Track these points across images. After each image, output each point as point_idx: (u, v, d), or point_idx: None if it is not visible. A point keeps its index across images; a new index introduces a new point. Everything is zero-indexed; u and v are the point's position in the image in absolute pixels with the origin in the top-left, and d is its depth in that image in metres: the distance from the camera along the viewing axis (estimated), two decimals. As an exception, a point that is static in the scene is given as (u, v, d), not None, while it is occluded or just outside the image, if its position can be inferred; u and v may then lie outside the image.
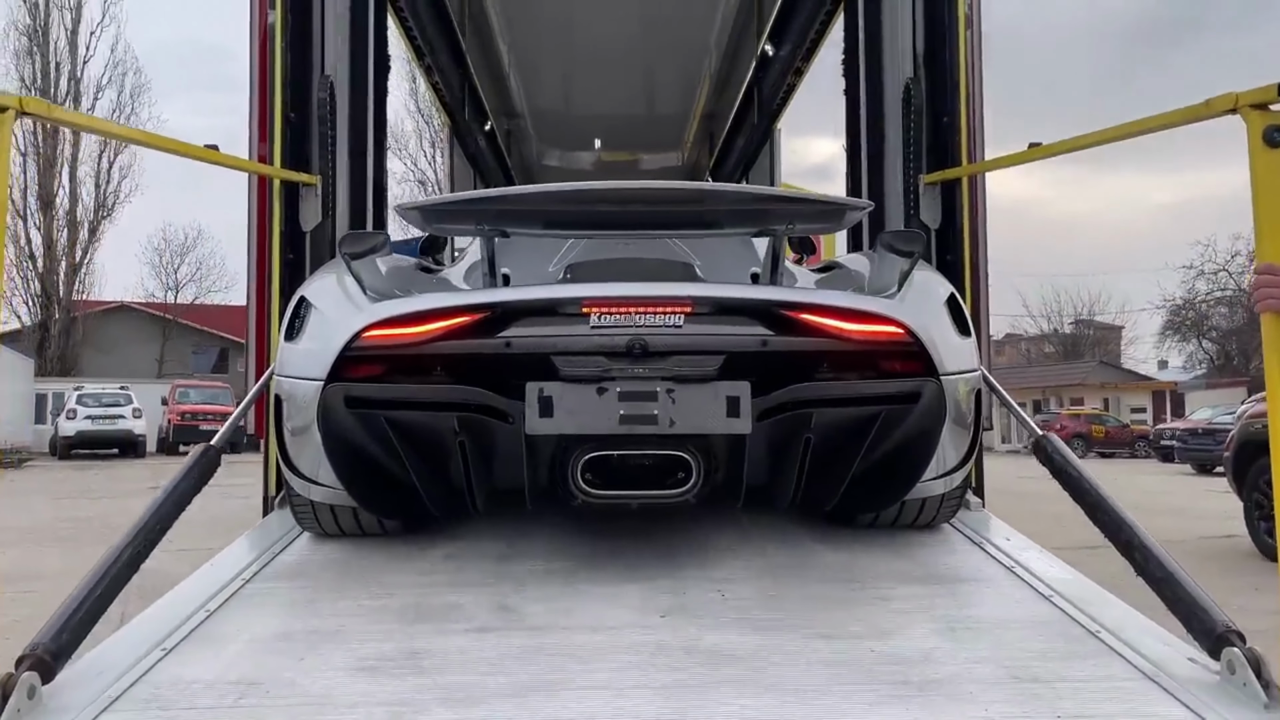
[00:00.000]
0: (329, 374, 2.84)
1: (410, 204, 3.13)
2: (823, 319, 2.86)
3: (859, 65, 4.95)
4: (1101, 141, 2.81)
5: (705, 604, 2.71)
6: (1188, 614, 2.33)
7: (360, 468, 2.99)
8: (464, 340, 2.81)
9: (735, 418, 2.75)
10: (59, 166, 34.05)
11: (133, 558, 2.54)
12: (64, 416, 24.93)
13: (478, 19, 8.70)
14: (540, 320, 2.82)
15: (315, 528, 3.35)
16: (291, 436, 3.06)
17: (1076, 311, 54.08)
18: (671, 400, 2.73)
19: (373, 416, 2.85)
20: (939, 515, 3.39)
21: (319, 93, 4.15)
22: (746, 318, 2.85)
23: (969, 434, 3.15)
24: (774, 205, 3.35)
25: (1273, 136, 2.08)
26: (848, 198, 3.27)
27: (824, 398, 2.85)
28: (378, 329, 2.83)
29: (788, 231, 3.22)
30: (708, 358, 2.76)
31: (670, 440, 2.78)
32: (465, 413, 2.82)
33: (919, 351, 2.88)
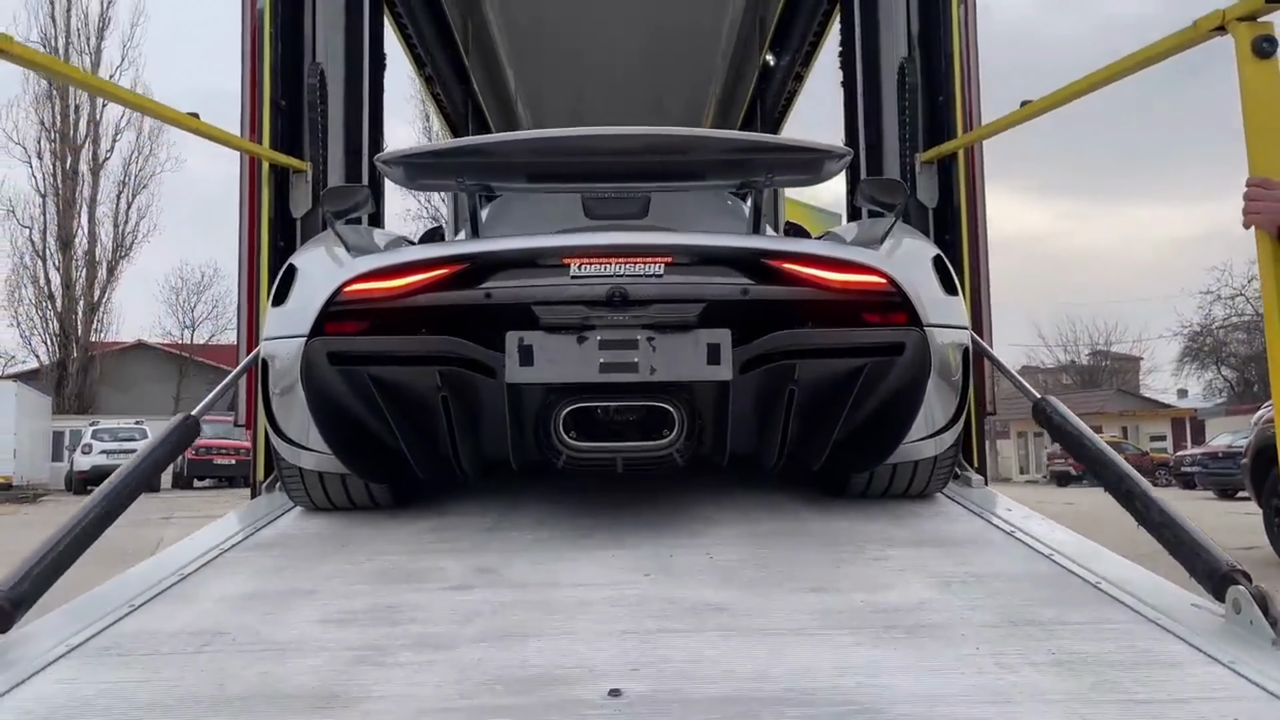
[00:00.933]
0: (311, 330, 2.83)
1: (392, 155, 3.13)
2: (804, 268, 2.84)
3: (855, 55, 4.92)
4: (1094, 87, 2.75)
5: (692, 565, 2.62)
6: (1190, 556, 2.24)
7: (345, 428, 2.97)
8: (444, 292, 2.80)
9: (716, 364, 2.73)
10: (78, 207, 34.48)
11: (101, 517, 2.48)
12: (79, 451, 25.03)
13: (481, 37, 8.76)
14: (520, 271, 2.81)
15: (305, 500, 3.29)
16: (278, 401, 3.04)
17: (1093, 342, 53.76)
18: (652, 348, 2.71)
19: (356, 373, 2.83)
20: (931, 481, 3.30)
21: (309, 78, 4.14)
22: (727, 267, 2.83)
23: (957, 393, 3.10)
24: (754, 154, 3.36)
25: (1261, 46, 2.02)
26: (826, 144, 3.23)
27: (806, 347, 2.81)
28: (359, 283, 2.83)
29: (768, 183, 3.24)
30: (688, 306, 2.74)
31: (652, 390, 2.76)
32: (447, 365, 2.79)
33: (902, 302, 2.85)
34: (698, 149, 3.43)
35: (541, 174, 3.39)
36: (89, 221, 34.88)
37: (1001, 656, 1.93)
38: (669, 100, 10.22)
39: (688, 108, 10.44)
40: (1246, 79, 2.05)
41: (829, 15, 6.72)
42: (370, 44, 4.89)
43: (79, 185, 34.43)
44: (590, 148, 3.18)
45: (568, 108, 10.43)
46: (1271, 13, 2.04)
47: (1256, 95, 2.03)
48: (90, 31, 34.26)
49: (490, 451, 3.08)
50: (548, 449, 2.86)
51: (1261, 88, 2.03)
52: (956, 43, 4.01)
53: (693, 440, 2.85)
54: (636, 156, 3.29)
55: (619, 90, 9.72)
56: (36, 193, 33.93)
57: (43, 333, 34.60)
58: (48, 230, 34.15)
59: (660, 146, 3.30)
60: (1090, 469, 2.65)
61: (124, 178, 35.28)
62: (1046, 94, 3.09)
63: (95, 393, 35.11)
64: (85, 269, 34.79)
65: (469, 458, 3.01)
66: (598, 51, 8.83)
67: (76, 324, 34.58)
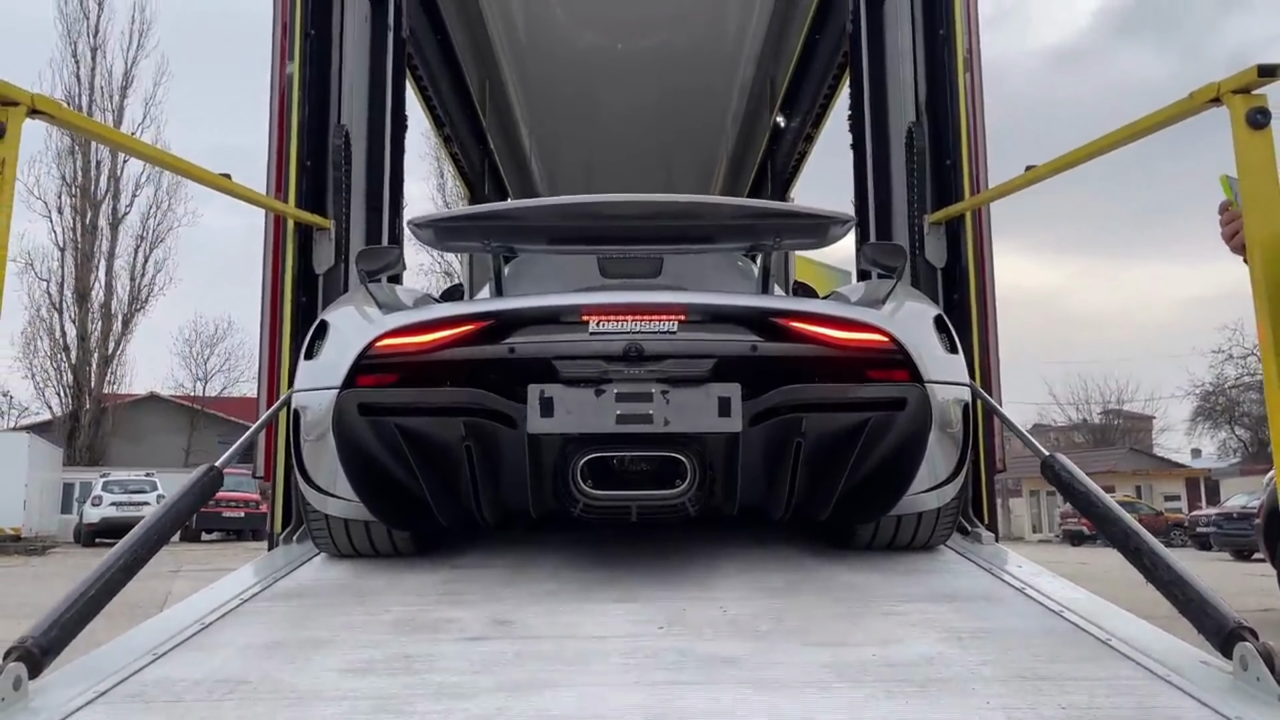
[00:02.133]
0: (343, 381, 3.00)
1: (422, 219, 3.37)
2: (811, 326, 3.00)
3: (864, 118, 5.05)
4: (1096, 153, 2.84)
5: (705, 618, 2.65)
6: (1198, 614, 2.27)
7: (373, 476, 3.09)
8: (470, 347, 2.95)
9: (726, 417, 2.85)
10: (96, 261, 34.91)
11: (128, 564, 2.54)
12: (89, 503, 25.00)
13: (498, 99, 8.97)
14: (542, 328, 2.97)
15: (329, 546, 3.40)
16: (308, 449, 3.18)
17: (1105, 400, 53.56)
18: (666, 400, 2.84)
19: (384, 423, 2.97)
20: (935, 533, 3.37)
21: (334, 139, 4.27)
22: (737, 325, 2.99)
23: (958, 447, 3.21)
24: (762, 220, 3.59)
25: (1255, 118, 2.11)
26: (830, 210, 3.42)
27: (813, 401, 2.94)
28: (390, 338, 3.00)
29: (775, 246, 3.47)
30: (700, 361, 2.88)
31: (666, 442, 2.88)
32: (472, 417, 2.92)
33: (904, 360, 3.00)
34: (709, 215, 3.63)
35: (561, 236, 3.57)
36: (106, 275, 35.30)
37: (1013, 711, 1.96)
38: (680, 159, 10.40)
39: (699, 167, 10.61)
40: (1242, 149, 2.13)
41: (838, 79, 6.89)
42: (392, 106, 5.05)
43: (98, 239, 34.90)
44: (607, 213, 3.39)
45: (581, 165, 10.62)
46: (1265, 86, 2.13)
47: (1252, 164, 2.11)
48: (114, 90, 34.98)
49: (510, 500, 3.16)
50: (565, 497, 2.96)
51: (1257, 157, 2.11)
52: (963, 108, 4.11)
53: (704, 490, 2.95)
54: (651, 221, 3.47)
55: (631, 149, 9.91)
56: (56, 246, 34.39)
57: (57, 384, 34.83)
58: (65, 283, 34.54)
59: (673, 212, 3.50)
60: (1098, 526, 2.68)
61: (142, 232, 35.76)
62: (1051, 159, 3.19)
63: (106, 444, 35.21)
64: (101, 321, 35.12)
65: (490, 506, 3.11)
66: (610, 111, 9.03)
67: (90, 376, 34.80)
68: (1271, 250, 2.14)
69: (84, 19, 34.58)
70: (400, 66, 5.28)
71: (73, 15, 34.46)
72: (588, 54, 8.02)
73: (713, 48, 7.94)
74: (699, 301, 3.04)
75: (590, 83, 8.52)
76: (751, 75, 8.46)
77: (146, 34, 35.38)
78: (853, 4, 5.26)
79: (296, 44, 4.14)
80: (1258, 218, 2.11)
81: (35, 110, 2.20)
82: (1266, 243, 2.16)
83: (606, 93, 8.68)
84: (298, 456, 3.22)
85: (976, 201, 3.98)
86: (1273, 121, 2.15)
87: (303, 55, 4.17)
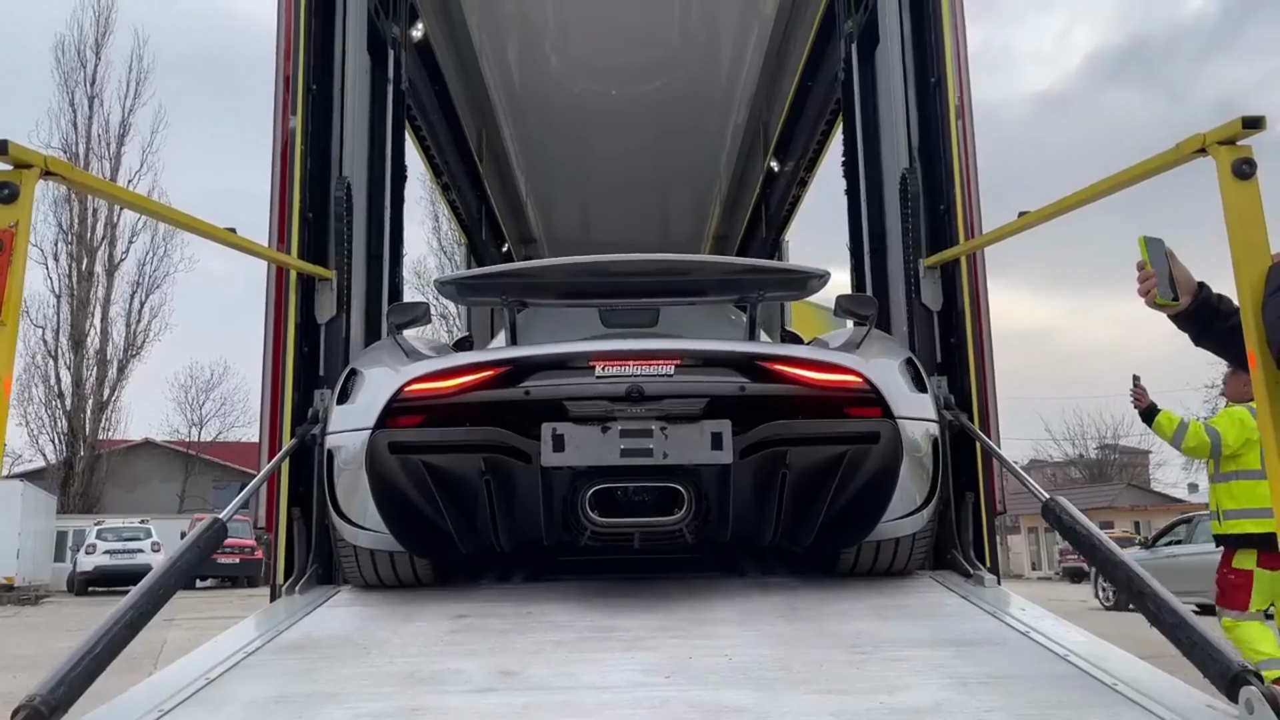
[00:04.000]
0: (376, 422, 3.30)
1: (447, 278, 3.83)
2: (793, 369, 3.36)
3: (858, 164, 5.13)
4: (1086, 200, 2.89)
5: (711, 667, 2.65)
6: (1203, 658, 2.28)
7: (401, 508, 3.35)
8: (490, 391, 3.28)
9: (719, 450, 3.16)
10: (91, 307, 34.93)
11: (134, 620, 2.55)
12: (83, 551, 24.77)
13: (494, 146, 9.07)
14: (554, 373, 3.29)
15: (356, 575, 3.67)
16: (341, 485, 3.47)
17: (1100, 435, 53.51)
18: (664, 436, 3.16)
19: (412, 460, 3.26)
20: (912, 557, 3.68)
21: (336, 191, 4.33)
22: (727, 368, 3.32)
23: (929, 476, 3.53)
24: (747, 275, 3.99)
25: (1241, 169, 2.16)
26: (808, 266, 3.79)
27: (796, 435, 3.27)
28: (417, 383, 3.33)
29: (760, 299, 3.85)
30: (694, 400, 3.21)
31: (665, 473, 3.19)
32: (491, 453, 3.23)
33: (877, 398, 3.34)
34: (700, 272, 4.09)
35: (568, 291, 4.00)
36: (102, 321, 35.27)
37: (1021, 758, 1.96)
38: (675, 202, 10.49)
39: (693, 210, 10.70)
40: (1229, 199, 2.18)
41: (831, 125, 6.99)
42: (392, 157, 5.13)
43: (94, 286, 34.93)
44: (610, 270, 3.81)
45: (577, 210, 10.72)
46: (1249, 137, 2.19)
47: (1239, 214, 2.16)
48: (111, 138, 35.16)
49: (524, 529, 3.39)
50: (574, 525, 3.24)
51: (1243, 207, 2.16)
52: (956, 155, 4.18)
53: (700, 518, 3.25)
54: (648, 277, 3.89)
55: (626, 193, 10.00)
56: (51, 293, 34.38)
57: (51, 431, 34.67)
58: (60, 330, 34.50)
59: (669, 270, 3.94)
60: (1102, 570, 2.71)
61: (138, 278, 35.78)
62: (1042, 205, 3.24)
63: (100, 491, 34.98)
64: (96, 368, 35.05)
65: (506, 534, 3.37)
66: (606, 156, 9.13)
67: (85, 422, 34.66)
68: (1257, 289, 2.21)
69: (81, 68, 34.88)
70: (400, 118, 5.36)
71: (70, 64, 34.75)
72: (583, 100, 8.13)
73: (706, 93, 8.06)
74: (693, 348, 3.38)
75: (585, 128, 8.63)
76: (745, 119, 8.57)
77: (144, 83, 35.67)
78: (844, 51, 5.37)
79: (299, 98, 4.20)
80: (1246, 264, 2.16)
81: (48, 172, 2.24)
82: (1255, 285, 2.22)
83: (602, 138, 8.79)
84: (331, 492, 3.50)
85: (971, 246, 4.04)
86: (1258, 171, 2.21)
87: (305, 109, 4.23)
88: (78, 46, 34.79)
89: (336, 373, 4.14)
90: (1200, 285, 2.53)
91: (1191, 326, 2.57)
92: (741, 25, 7.22)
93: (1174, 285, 2.48)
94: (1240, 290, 2.25)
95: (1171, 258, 2.50)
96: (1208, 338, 2.56)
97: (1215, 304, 2.49)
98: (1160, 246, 2.49)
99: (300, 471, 4.02)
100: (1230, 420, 5.49)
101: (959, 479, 4.01)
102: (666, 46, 7.34)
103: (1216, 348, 2.58)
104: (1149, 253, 2.49)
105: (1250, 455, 5.36)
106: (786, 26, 7.22)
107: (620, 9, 6.98)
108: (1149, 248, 2.49)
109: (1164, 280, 2.47)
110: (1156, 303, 2.50)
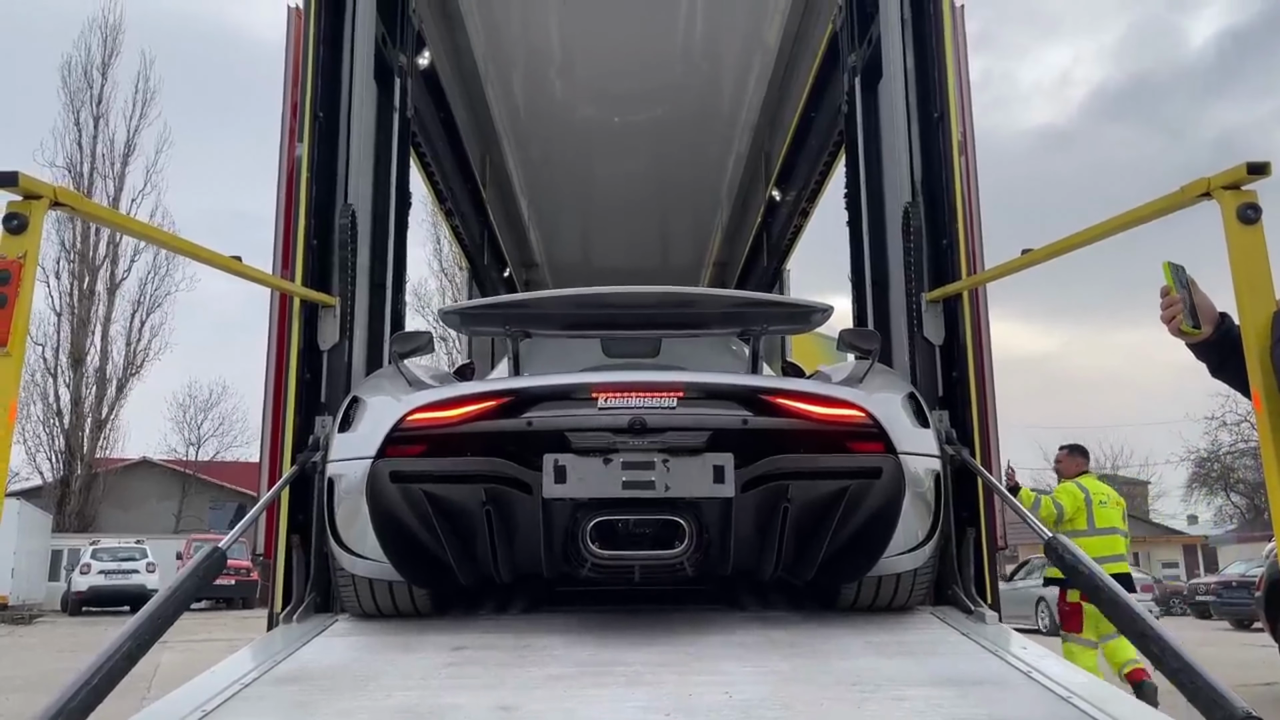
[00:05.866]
0: (377, 452, 3.28)
1: (451, 308, 3.85)
2: (795, 403, 3.34)
3: (860, 197, 5.15)
4: (1089, 240, 2.90)
5: (712, 704, 2.62)
6: (1207, 703, 2.27)
7: (401, 538, 3.35)
8: (491, 421, 3.27)
9: (721, 483, 3.15)
10: (92, 326, 34.94)
11: (131, 651, 2.53)
12: (78, 571, 24.66)
13: (498, 172, 9.12)
14: (556, 404, 3.27)
15: (354, 604, 3.63)
16: (341, 514, 3.45)
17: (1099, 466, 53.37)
18: (666, 469, 3.15)
19: (413, 490, 3.26)
20: (913, 593, 3.64)
21: (340, 219, 4.34)
22: (730, 401, 3.30)
23: (931, 511, 3.49)
24: (750, 308, 4.00)
25: (1246, 214, 2.17)
26: (809, 300, 3.85)
27: (798, 470, 3.25)
28: (419, 412, 3.31)
29: (763, 332, 3.85)
30: (697, 433, 3.19)
31: (666, 506, 3.17)
32: (492, 484, 3.22)
33: (879, 433, 3.32)
34: (704, 305, 4.09)
35: (571, 322, 3.99)
36: (102, 340, 35.26)
37: (1024, 804, 1.94)
38: (676, 229, 10.54)
39: (694, 237, 10.75)
40: (1233, 243, 2.19)
41: (834, 156, 7.03)
42: (397, 184, 5.14)
43: (95, 304, 34.96)
44: (613, 302, 3.80)
45: (579, 236, 10.76)
46: (1254, 182, 2.20)
47: (1244, 257, 2.17)
48: (115, 158, 35.28)
49: (524, 561, 3.38)
50: (575, 558, 3.22)
51: (1248, 250, 2.17)
52: (958, 190, 4.20)
53: (700, 551, 3.22)
54: (651, 309, 3.91)
55: (628, 219, 10.05)
56: (52, 311, 34.39)
57: (48, 449, 34.57)
58: (60, 348, 34.49)
59: (672, 302, 3.95)
60: (1105, 611, 2.69)
61: (139, 297, 35.83)
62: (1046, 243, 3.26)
63: (97, 510, 34.84)
64: (95, 386, 35.01)
65: (505, 565, 3.36)
66: (608, 182, 9.19)
67: (83, 441, 34.58)
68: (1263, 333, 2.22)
69: (87, 88, 35.07)
70: (405, 145, 5.39)
71: (76, 84, 34.95)
72: (586, 127, 8.19)
73: (709, 121, 8.12)
74: (696, 380, 3.36)
75: (588, 155, 8.68)
76: (747, 149, 8.63)
77: (150, 103, 35.86)
78: (848, 84, 5.40)
79: (306, 125, 4.22)
80: (1250, 306, 2.17)
81: (57, 203, 2.24)
82: (1260, 328, 2.23)
83: (604, 164, 8.84)
84: (330, 520, 3.48)
85: (973, 282, 4.04)
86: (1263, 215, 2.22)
87: (312, 136, 4.25)
88: (84, 67, 35.05)
89: (338, 399, 4.13)
90: (1223, 316, 2.50)
91: (1211, 357, 2.54)
92: (744, 55, 7.28)
93: (1195, 313, 2.46)
94: (1245, 332, 2.26)
95: (1193, 285, 2.46)
96: (1227, 370, 2.53)
97: (1237, 336, 2.46)
98: (1183, 273, 2.46)
99: (300, 499, 4.01)
100: (1067, 494, 7.16)
101: (960, 514, 4.00)
102: (670, 74, 7.40)
103: (1234, 381, 2.55)
104: (1173, 279, 2.45)
105: (1079, 519, 7.06)
106: (790, 58, 7.27)
107: (624, 37, 7.04)
108: (1173, 274, 2.45)
109: (1188, 308, 2.44)
110: (1182, 330, 2.45)
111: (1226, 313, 2.49)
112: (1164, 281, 2.49)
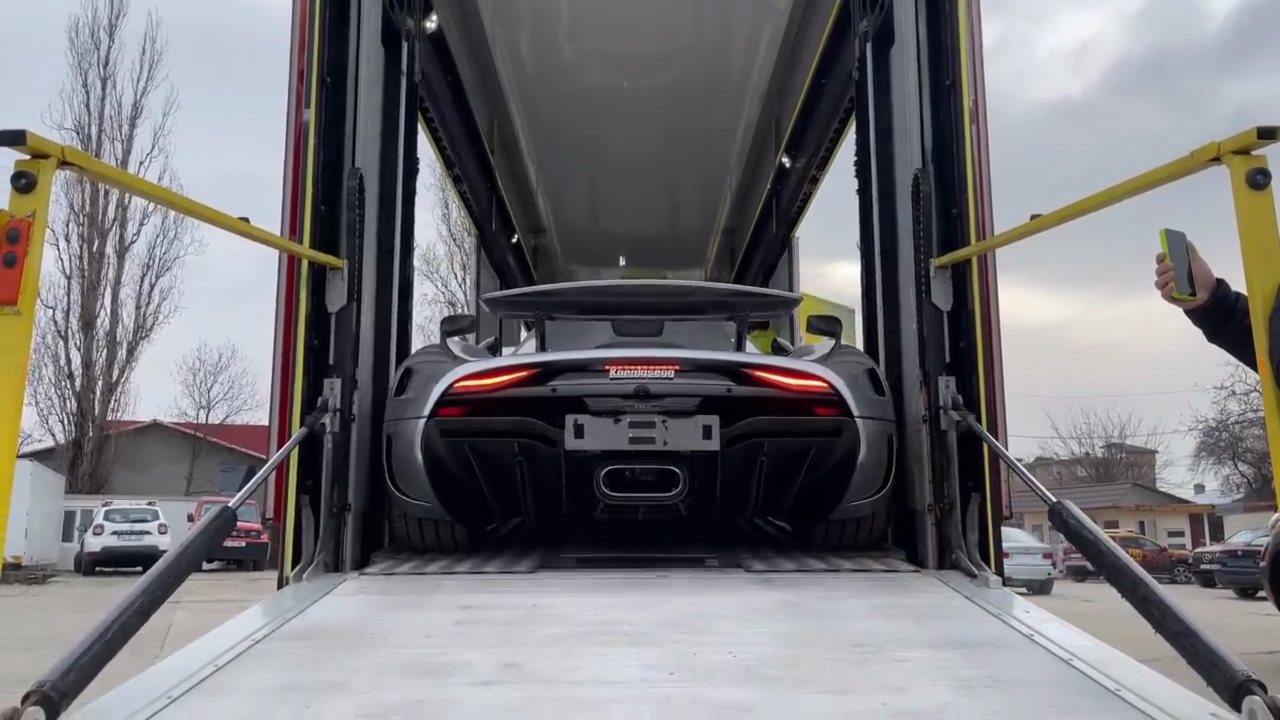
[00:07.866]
0: (429, 412, 3.98)
1: (490, 297, 4.75)
2: (771, 375, 4.05)
3: (870, 164, 5.12)
4: (1098, 206, 2.88)
5: (716, 664, 2.66)
6: (1207, 666, 2.28)
7: (449, 483, 4.08)
8: (523, 388, 3.97)
9: (709, 440, 3.87)
10: (102, 289, 35.04)
11: (144, 607, 2.56)
12: (91, 532, 24.94)
13: (506, 137, 9.07)
14: (576, 374, 3.96)
15: (405, 539, 4.37)
16: (398, 464, 4.11)
17: (1107, 435, 53.42)
18: (665, 427, 3.87)
19: (459, 444, 3.98)
20: (871, 534, 4.39)
21: (349, 181, 4.33)
22: (717, 373, 3.99)
23: (884, 466, 4.15)
24: (735, 298, 5.06)
25: (1255, 179, 2.16)
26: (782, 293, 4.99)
27: (772, 429, 3.94)
28: (464, 381, 4.02)
29: (745, 317, 4.76)
30: (690, 399, 3.90)
31: (665, 457, 3.89)
32: (523, 438, 3.91)
33: (839, 400, 4.01)
34: (698, 295, 5.09)
35: (588, 308, 4.87)
36: (112, 302, 35.38)
37: (1022, 763, 1.97)
38: (685, 196, 10.49)
39: (703, 204, 10.70)
40: (1242, 208, 2.18)
41: (844, 123, 6.97)
42: (404, 148, 5.13)
43: (104, 267, 35.03)
44: (624, 292, 4.81)
45: (587, 202, 10.72)
46: (1264, 147, 2.18)
47: (1252, 222, 2.16)
48: (123, 120, 35.19)
49: (549, 500, 4.09)
50: (590, 499, 3.97)
51: (1257, 216, 2.16)
52: (969, 159, 4.16)
53: (693, 495, 3.95)
54: (655, 298, 4.74)
55: (636, 185, 10.01)
56: (62, 274, 34.46)
57: (60, 412, 34.81)
58: (71, 311, 34.63)
59: (672, 292, 4.95)
60: (1107, 575, 2.71)
61: (149, 260, 35.88)
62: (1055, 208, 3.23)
63: (108, 472, 35.15)
64: (106, 349, 35.17)
65: (534, 506, 4.14)
66: (616, 148, 9.13)
67: (94, 403, 34.79)
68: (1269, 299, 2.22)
69: (95, 50, 34.94)
70: (412, 109, 5.37)
71: (84, 46, 34.82)
72: (594, 92, 8.13)
73: (719, 86, 8.05)
74: (689, 356, 4.06)
75: (597, 120, 8.63)
76: (757, 115, 8.56)
77: (157, 65, 35.70)
78: (859, 50, 5.36)
79: (313, 90, 4.20)
80: (1258, 272, 2.17)
81: (65, 162, 2.25)
82: (1267, 295, 2.23)
83: (613, 130, 8.78)
84: (389, 471, 4.14)
85: (982, 247, 4.03)
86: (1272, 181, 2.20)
87: (319, 101, 4.24)
88: (91, 28, 34.92)
89: (346, 362, 4.19)
90: (1219, 282, 2.53)
91: (1206, 323, 2.57)
92: (755, 20, 7.20)
93: (1192, 280, 2.50)
94: (1252, 298, 2.26)
95: (1192, 252, 2.52)
96: (1221, 336, 2.56)
97: (1232, 302, 2.49)
98: (1181, 240, 2.52)
99: (309, 460, 4.04)
100: None
101: (965, 480, 4.02)
102: (679, 39, 7.33)
103: (1229, 347, 2.57)
104: (1169, 246, 2.51)
105: None
106: (801, 23, 7.20)
107: (633, 1, 6.97)
108: (1170, 241, 2.51)
109: (1182, 275, 2.50)
110: (1174, 296, 2.52)
111: (1224, 279, 2.51)
112: (1159, 249, 2.52)
